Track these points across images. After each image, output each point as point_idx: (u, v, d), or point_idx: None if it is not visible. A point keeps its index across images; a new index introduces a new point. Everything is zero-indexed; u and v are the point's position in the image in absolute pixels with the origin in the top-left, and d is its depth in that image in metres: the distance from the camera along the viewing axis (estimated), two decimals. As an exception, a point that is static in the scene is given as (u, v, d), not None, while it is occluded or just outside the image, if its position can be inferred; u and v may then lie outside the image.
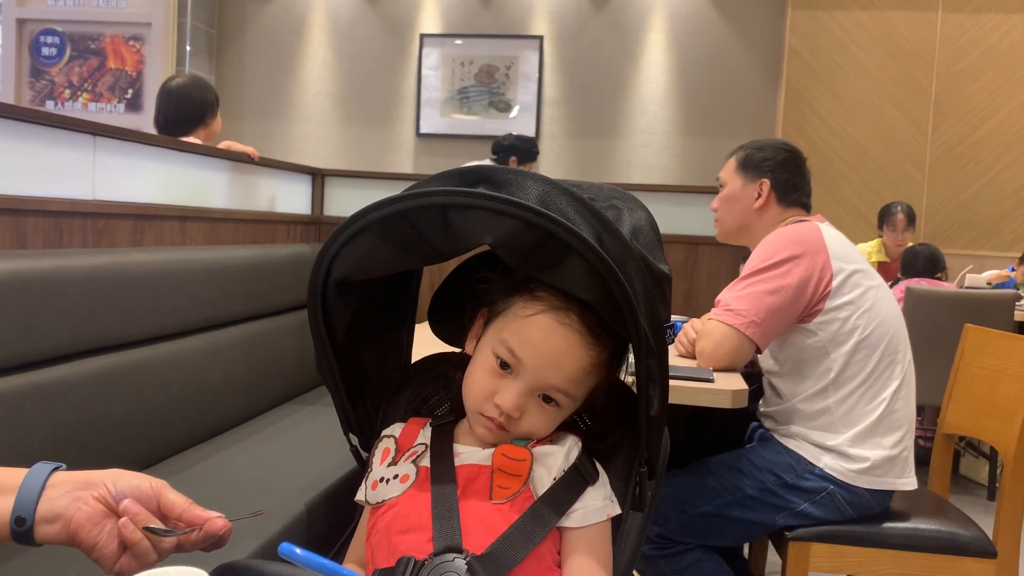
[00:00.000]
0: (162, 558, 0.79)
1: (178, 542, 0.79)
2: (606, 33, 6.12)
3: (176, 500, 0.80)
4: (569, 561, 0.96)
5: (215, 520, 0.79)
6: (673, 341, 2.08)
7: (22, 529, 0.77)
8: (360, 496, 1.05)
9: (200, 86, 3.22)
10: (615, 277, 0.88)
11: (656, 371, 0.95)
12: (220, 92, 3.49)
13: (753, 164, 2.05)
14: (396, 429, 1.08)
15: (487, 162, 4.67)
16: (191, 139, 3.09)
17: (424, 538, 0.92)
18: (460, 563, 0.88)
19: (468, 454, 1.01)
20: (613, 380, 1.08)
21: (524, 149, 4.67)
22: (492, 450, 1.00)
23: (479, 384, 1.00)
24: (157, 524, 0.77)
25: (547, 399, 0.99)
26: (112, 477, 0.80)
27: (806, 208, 2.06)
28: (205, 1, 6.29)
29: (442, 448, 1.03)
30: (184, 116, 3.14)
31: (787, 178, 2.03)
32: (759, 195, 2.03)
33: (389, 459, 1.04)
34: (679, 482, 1.91)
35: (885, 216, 4.76)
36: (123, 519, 0.77)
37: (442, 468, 1.00)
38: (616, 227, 0.92)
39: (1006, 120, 5.49)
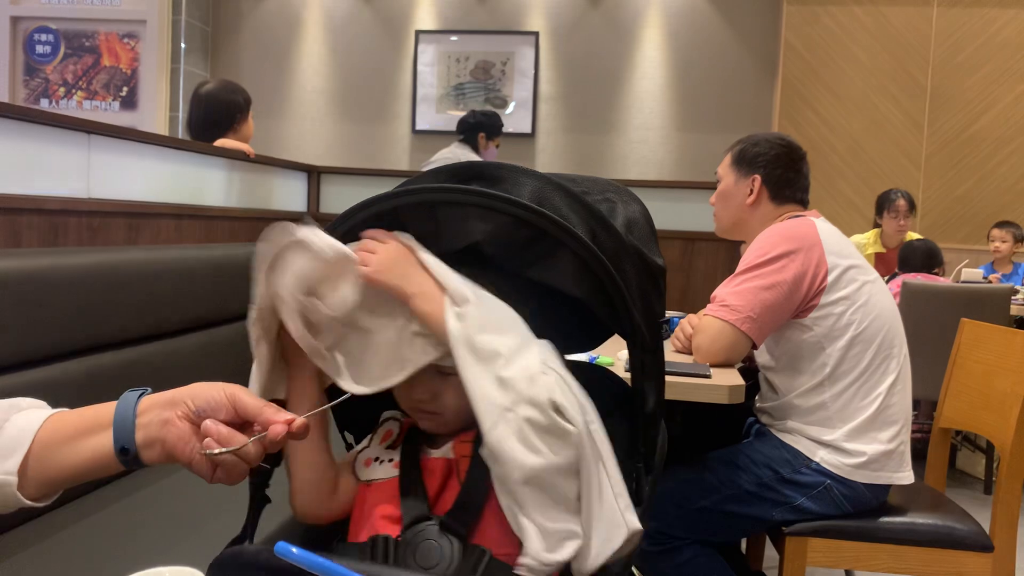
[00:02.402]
0: (252, 464, 0.84)
1: (253, 449, 0.83)
2: (602, 29, 6.11)
3: (250, 403, 0.84)
4: None
5: (275, 426, 0.82)
6: (669, 336, 2.08)
7: (127, 457, 0.83)
8: (352, 462, 1.05)
9: (229, 90, 3.22)
10: (608, 272, 0.88)
11: (652, 366, 0.95)
12: (215, 89, 3.48)
13: (747, 160, 2.05)
14: (400, 415, 1.08)
15: (456, 148, 4.59)
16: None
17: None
18: (432, 527, 0.90)
19: (444, 450, 1.02)
20: (611, 375, 1.09)
21: (490, 124, 4.56)
22: (451, 442, 1.00)
23: (396, 387, 0.99)
24: (235, 441, 0.81)
25: (440, 371, 0.97)
26: (191, 394, 0.85)
27: (802, 204, 2.05)
28: (200, -2, 6.28)
29: (417, 441, 1.04)
30: (213, 121, 3.14)
31: (780, 174, 2.02)
32: (751, 191, 2.03)
33: (390, 441, 1.05)
34: (676, 478, 1.91)
35: (885, 203, 4.66)
36: (205, 440, 0.81)
37: (412, 455, 1.01)
38: (610, 221, 0.93)
39: (1002, 114, 5.49)
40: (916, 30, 5.55)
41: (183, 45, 6.09)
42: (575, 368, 1.08)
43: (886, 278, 4.01)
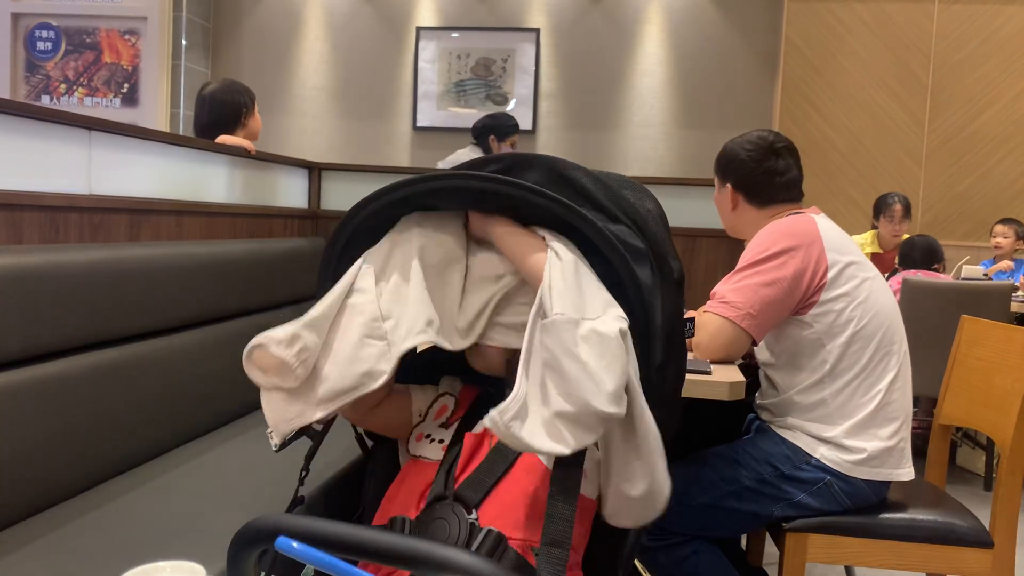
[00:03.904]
0: None
1: None
2: (603, 25, 6.11)
3: None
4: None
5: None
6: (693, 334, 2.05)
7: None
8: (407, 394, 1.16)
9: (232, 90, 3.22)
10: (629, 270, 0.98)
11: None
12: (216, 86, 3.48)
13: (720, 168, 2.07)
14: (456, 387, 1.12)
15: (471, 151, 4.64)
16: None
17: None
18: (445, 505, 0.96)
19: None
20: None
21: (498, 126, 4.61)
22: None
23: None
24: None
25: None
26: None
27: (790, 202, 2.02)
28: (200, -5, 6.27)
29: (469, 420, 1.08)
30: (218, 121, 3.15)
31: (749, 179, 2.00)
32: (730, 198, 2.04)
33: (443, 418, 1.08)
34: (677, 473, 1.89)
35: (882, 207, 4.70)
36: None
37: (458, 438, 1.07)
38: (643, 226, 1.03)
39: (1003, 111, 5.49)
40: (917, 27, 5.55)
41: (184, 42, 6.08)
42: None
43: (886, 275, 4.00)
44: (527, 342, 0.91)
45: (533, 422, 0.86)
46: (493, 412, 0.85)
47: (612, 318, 0.90)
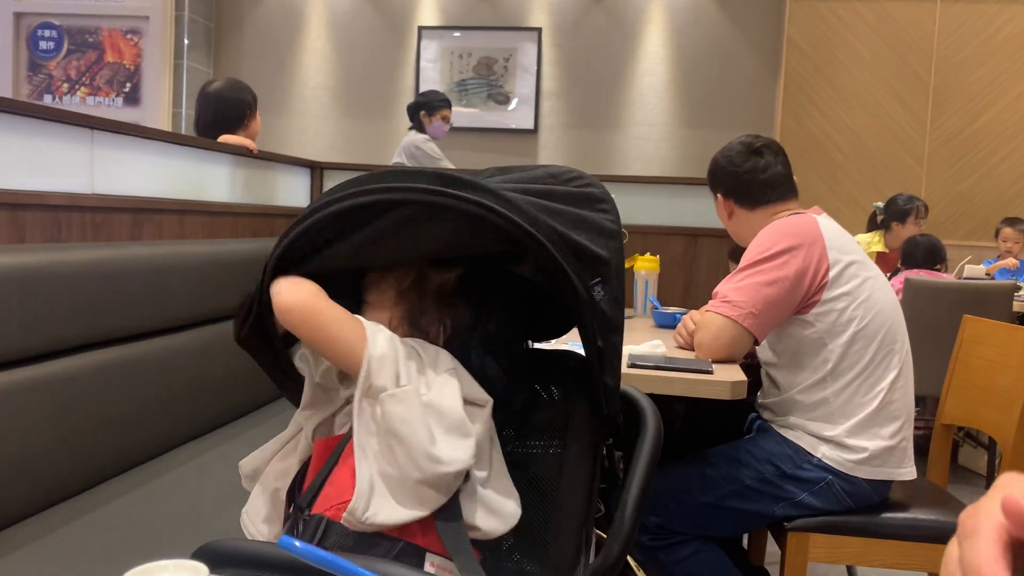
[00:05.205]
0: None
1: None
2: (605, 25, 6.11)
3: None
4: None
5: None
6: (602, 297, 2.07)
7: None
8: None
9: (237, 88, 3.21)
10: (563, 271, 0.97)
11: (607, 339, 1.03)
12: (218, 85, 3.48)
13: (710, 180, 2.14)
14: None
15: (408, 136, 4.59)
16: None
17: None
18: (296, 519, 0.96)
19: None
20: (571, 355, 1.13)
21: (427, 102, 4.59)
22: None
23: None
24: None
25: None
26: None
27: (782, 200, 2.02)
28: (202, -6, 6.28)
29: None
30: (222, 119, 3.14)
31: (735, 181, 2.05)
32: (724, 208, 2.08)
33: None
34: (678, 473, 1.91)
35: (910, 210, 4.51)
36: None
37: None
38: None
39: (1005, 111, 5.48)
40: (919, 26, 5.54)
41: (186, 41, 6.09)
42: (538, 354, 1.13)
43: (888, 275, 3.99)
44: (357, 421, 0.93)
45: (387, 503, 0.89)
46: (347, 515, 0.89)
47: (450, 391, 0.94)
